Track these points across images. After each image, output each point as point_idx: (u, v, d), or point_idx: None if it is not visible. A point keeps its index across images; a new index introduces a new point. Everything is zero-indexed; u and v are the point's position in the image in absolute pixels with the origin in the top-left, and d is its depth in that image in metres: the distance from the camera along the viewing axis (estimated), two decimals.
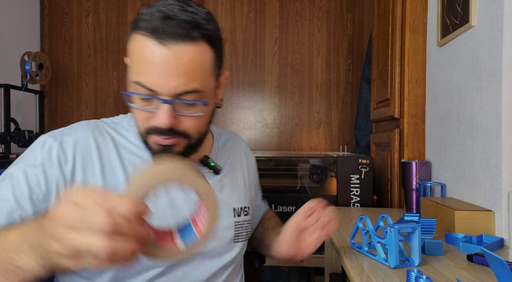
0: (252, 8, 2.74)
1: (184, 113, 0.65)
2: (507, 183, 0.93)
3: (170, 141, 0.66)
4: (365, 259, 0.81)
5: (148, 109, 0.65)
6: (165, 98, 0.62)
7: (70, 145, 0.68)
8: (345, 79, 2.72)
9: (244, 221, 0.83)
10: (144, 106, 0.65)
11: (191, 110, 0.65)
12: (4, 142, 2.27)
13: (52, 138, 0.68)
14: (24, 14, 2.66)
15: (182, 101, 0.63)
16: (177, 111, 0.64)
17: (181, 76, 0.61)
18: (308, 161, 1.83)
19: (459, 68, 1.16)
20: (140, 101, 0.65)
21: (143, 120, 0.66)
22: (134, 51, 0.63)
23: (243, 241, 0.83)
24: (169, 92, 0.62)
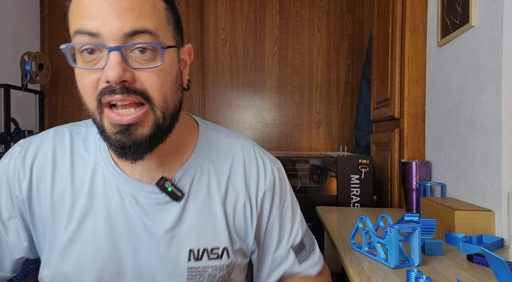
0: (252, 8, 2.74)
1: (139, 66, 0.53)
2: (507, 183, 0.93)
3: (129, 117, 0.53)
4: (365, 259, 0.81)
5: (95, 68, 0.52)
6: (111, 45, 0.51)
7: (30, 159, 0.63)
8: (345, 79, 2.72)
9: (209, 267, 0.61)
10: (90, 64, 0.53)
11: (146, 62, 0.53)
12: (4, 142, 2.27)
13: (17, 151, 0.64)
14: (24, 14, 2.66)
15: (131, 44, 0.52)
16: (129, 64, 0.52)
17: (126, 13, 0.51)
18: (308, 161, 1.83)
19: (459, 68, 1.16)
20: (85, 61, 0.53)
21: (92, 87, 0.53)
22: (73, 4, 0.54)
23: None
24: (115, 35, 0.51)
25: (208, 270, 0.61)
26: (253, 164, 0.68)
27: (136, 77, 0.53)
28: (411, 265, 0.76)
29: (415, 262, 0.76)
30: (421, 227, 0.82)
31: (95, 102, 0.54)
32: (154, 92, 0.54)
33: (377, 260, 0.79)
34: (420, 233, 0.75)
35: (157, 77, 0.54)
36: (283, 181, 0.71)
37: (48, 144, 0.64)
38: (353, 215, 1.32)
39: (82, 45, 0.52)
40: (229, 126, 2.75)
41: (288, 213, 0.71)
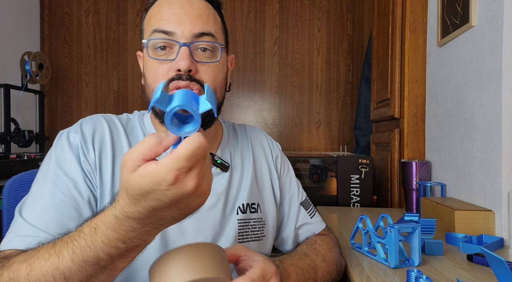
0: (252, 8, 2.74)
1: (202, 60, 0.67)
2: (507, 183, 0.93)
3: None
4: (365, 259, 0.81)
5: (167, 59, 0.67)
6: (183, 42, 0.65)
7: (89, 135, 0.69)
8: (345, 79, 2.72)
9: (251, 219, 0.76)
10: (163, 57, 0.67)
11: (207, 58, 0.68)
12: (4, 142, 2.27)
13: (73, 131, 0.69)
14: (24, 14, 2.66)
15: (199, 42, 0.67)
16: (194, 58, 0.66)
17: (196, 19, 0.67)
18: (308, 161, 1.83)
19: (459, 68, 1.16)
20: (158, 55, 0.67)
21: (163, 75, 0.66)
22: (152, 12, 0.69)
23: (253, 242, 0.75)
24: (185, 34, 0.66)
25: (251, 221, 0.76)
26: (264, 141, 0.88)
27: (198, 69, 0.67)
28: (411, 265, 0.76)
29: (415, 262, 0.76)
30: (421, 227, 0.82)
31: None
32: (209, 82, 0.68)
33: (377, 260, 0.79)
34: (420, 233, 0.75)
35: (212, 72, 0.68)
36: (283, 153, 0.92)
37: (102, 125, 0.71)
38: (353, 215, 1.32)
39: (159, 41, 0.66)
40: None
41: (293, 176, 0.90)
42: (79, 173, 0.65)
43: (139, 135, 0.74)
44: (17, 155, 2.10)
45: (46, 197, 0.62)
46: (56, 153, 0.67)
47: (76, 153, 0.66)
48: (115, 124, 0.73)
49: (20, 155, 2.07)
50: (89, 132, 0.69)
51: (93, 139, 0.69)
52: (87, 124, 0.71)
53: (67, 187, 0.64)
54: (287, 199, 0.86)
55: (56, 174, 0.65)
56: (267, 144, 0.88)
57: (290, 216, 0.85)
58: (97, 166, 0.67)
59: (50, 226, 0.60)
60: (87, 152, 0.67)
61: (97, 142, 0.69)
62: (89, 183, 0.66)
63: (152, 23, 0.68)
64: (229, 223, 0.73)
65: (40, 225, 0.60)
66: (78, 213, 0.63)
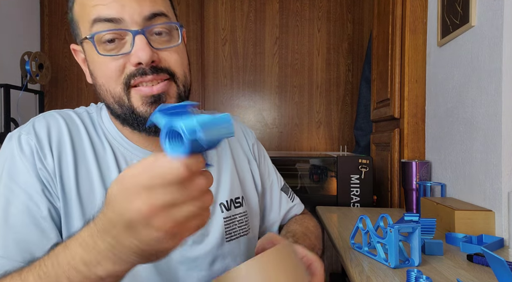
0: (252, 8, 2.74)
1: (162, 46, 0.58)
2: (507, 183, 0.93)
3: (158, 86, 0.57)
4: (365, 259, 0.81)
5: (120, 53, 0.56)
6: (135, 29, 0.55)
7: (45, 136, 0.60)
8: (345, 79, 2.72)
9: (236, 215, 0.71)
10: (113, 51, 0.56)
11: (166, 42, 0.59)
12: None
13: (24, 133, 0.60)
14: (24, 14, 2.66)
15: (153, 26, 0.57)
16: (153, 45, 0.57)
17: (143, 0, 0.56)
18: (308, 161, 1.83)
19: (459, 68, 1.16)
20: (106, 50, 0.56)
21: (118, 72, 0.57)
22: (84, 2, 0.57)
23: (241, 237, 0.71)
24: (135, 18, 0.55)
25: (237, 217, 0.71)
26: (238, 130, 0.82)
27: (159, 57, 0.57)
28: (411, 265, 0.76)
29: (415, 262, 0.76)
30: (421, 227, 0.82)
31: (121, 86, 0.57)
32: (177, 68, 0.60)
33: (377, 260, 0.79)
34: (420, 233, 0.75)
35: (177, 55, 0.60)
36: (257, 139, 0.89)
37: (58, 123, 0.62)
38: (353, 215, 1.32)
39: (105, 33, 0.55)
40: None
41: (270, 162, 0.88)
42: (35, 184, 0.56)
43: (101, 135, 0.65)
44: None
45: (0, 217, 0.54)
46: (7, 162, 0.57)
47: (31, 160, 0.57)
48: (73, 121, 0.64)
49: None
50: (44, 133, 0.60)
51: (49, 141, 0.59)
52: (40, 124, 0.61)
53: (23, 203, 0.55)
54: (268, 186, 0.84)
55: (8, 188, 0.55)
56: (242, 133, 0.82)
57: (273, 203, 0.84)
58: (57, 173, 0.58)
59: (9, 250, 0.52)
60: (44, 158, 0.58)
61: (54, 144, 0.59)
62: (48, 194, 0.57)
63: (89, 11, 0.56)
64: (213, 223, 0.68)
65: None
66: (40, 230, 0.55)
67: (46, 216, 0.56)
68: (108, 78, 0.58)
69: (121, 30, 0.55)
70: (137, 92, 0.58)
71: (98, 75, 0.59)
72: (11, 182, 0.56)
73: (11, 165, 0.57)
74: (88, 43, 0.58)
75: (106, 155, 0.63)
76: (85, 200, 0.59)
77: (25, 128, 0.60)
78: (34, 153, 0.58)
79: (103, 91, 0.60)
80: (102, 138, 0.65)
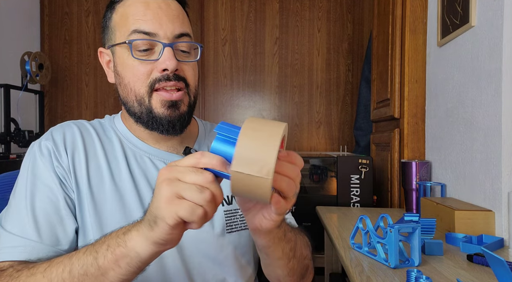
0: (252, 8, 2.74)
1: (182, 60, 0.70)
2: (507, 183, 0.93)
3: (177, 94, 0.69)
4: (365, 259, 0.81)
5: (150, 59, 0.68)
6: (165, 42, 0.67)
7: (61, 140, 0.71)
8: (345, 79, 2.72)
9: (238, 209, 0.77)
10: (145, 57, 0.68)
11: (186, 57, 0.71)
12: (4, 142, 2.27)
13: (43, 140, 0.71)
14: (24, 14, 2.66)
15: (180, 42, 0.69)
16: (177, 58, 0.68)
17: (175, 20, 0.69)
18: (308, 161, 1.83)
19: (459, 68, 1.16)
20: (139, 54, 0.68)
21: (145, 75, 0.68)
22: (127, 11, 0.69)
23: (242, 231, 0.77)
24: (167, 35, 0.68)
25: (238, 211, 0.76)
26: None
27: (180, 68, 0.69)
28: (411, 265, 0.76)
29: (415, 262, 0.76)
30: (421, 227, 0.82)
31: (146, 88, 0.68)
32: (191, 80, 0.71)
33: (377, 260, 0.79)
34: (420, 233, 0.75)
35: (192, 70, 0.72)
36: None
37: (72, 129, 0.73)
38: (353, 215, 1.32)
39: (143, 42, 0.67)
40: None
41: None
42: (54, 179, 0.67)
43: (112, 137, 0.75)
44: (17, 155, 2.10)
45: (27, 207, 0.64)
46: (30, 163, 0.69)
47: (49, 160, 0.68)
48: (86, 128, 0.75)
49: (20, 155, 2.07)
50: (60, 138, 0.71)
51: (64, 143, 0.70)
52: (57, 131, 0.73)
53: (45, 195, 0.66)
54: None
55: (32, 183, 0.67)
56: None
57: None
58: (71, 169, 0.69)
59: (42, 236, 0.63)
60: (60, 157, 0.69)
61: (68, 145, 0.71)
62: (64, 187, 0.68)
63: (131, 22, 0.68)
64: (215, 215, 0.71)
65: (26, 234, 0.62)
66: (60, 218, 0.66)
67: (63, 205, 0.66)
68: (135, 79, 0.68)
69: (154, 41, 0.67)
70: (158, 96, 0.68)
71: (126, 76, 0.69)
72: (34, 178, 0.67)
73: (33, 165, 0.68)
74: (123, 47, 0.69)
75: (115, 151, 0.73)
76: (95, 191, 0.69)
77: (45, 136, 0.72)
78: (51, 153, 0.69)
79: (126, 90, 0.70)
80: (113, 138, 0.75)
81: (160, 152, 0.75)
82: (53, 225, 0.65)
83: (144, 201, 0.70)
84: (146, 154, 0.74)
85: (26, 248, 0.61)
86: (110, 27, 0.73)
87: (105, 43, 0.75)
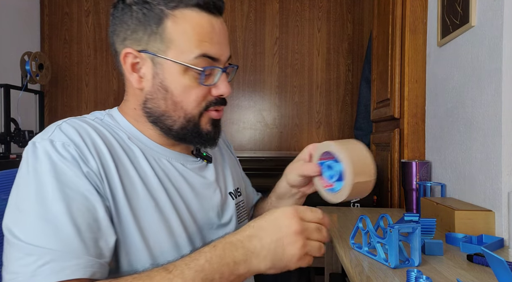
0: (252, 8, 2.74)
1: None
2: (507, 183, 0.93)
3: (221, 113, 0.73)
4: (365, 259, 0.81)
5: (208, 84, 0.68)
6: (222, 67, 0.68)
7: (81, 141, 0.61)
8: (345, 79, 2.72)
9: (240, 201, 0.83)
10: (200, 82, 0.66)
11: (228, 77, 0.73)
12: (4, 142, 2.27)
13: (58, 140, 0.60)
14: (24, 14, 2.66)
15: (229, 67, 0.71)
16: None
17: (228, 43, 0.70)
18: None
19: (459, 68, 1.16)
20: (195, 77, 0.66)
21: (202, 98, 0.68)
22: (191, 26, 0.64)
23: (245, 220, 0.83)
24: (224, 59, 0.68)
25: (242, 204, 0.83)
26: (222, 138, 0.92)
27: None
28: (411, 265, 0.76)
29: (415, 262, 0.76)
30: (421, 227, 0.82)
31: (200, 109, 0.68)
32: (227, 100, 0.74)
33: (377, 260, 0.79)
34: (420, 233, 0.75)
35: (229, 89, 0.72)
36: None
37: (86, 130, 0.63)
38: (353, 215, 1.32)
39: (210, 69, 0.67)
40: (229, 126, 2.75)
41: None
42: (87, 186, 0.57)
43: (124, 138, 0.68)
44: (17, 155, 2.10)
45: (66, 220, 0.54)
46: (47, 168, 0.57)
47: (76, 165, 0.58)
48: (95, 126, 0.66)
49: (20, 155, 2.07)
50: (78, 138, 0.61)
51: (86, 145, 0.60)
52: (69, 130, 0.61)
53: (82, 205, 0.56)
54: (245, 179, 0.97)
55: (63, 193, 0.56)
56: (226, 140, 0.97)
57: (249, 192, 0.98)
58: (102, 174, 0.60)
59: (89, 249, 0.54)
60: (87, 161, 0.59)
61: (91, 147, 0.61)
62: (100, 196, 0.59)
63: (196, 43, 0.64)
64: (228, 209, 0.77)
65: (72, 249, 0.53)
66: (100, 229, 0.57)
67: (103, 215, 0.58)
68: (191, 100, 0.67)
69: (217, 67, 0.68)
70: (208, 115, 0.70)
71: (179, 95, 0.67)
72: (64, 187, 0.56)
73: (55, 171, 0.57)
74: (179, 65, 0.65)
75: (135, 153, 0.67)
76: (131, 198, 0.62)
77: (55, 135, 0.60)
78: (77, 157, 0.58)
79: (175, 106, 0.67)
80: (125, 138, 0.68)
81: (175, 153, 0.73)
82: (96, 237, 0.56)
83: (176, 205, 0.67)
84: (163, 156, 0.71)
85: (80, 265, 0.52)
86: (159, 34, 0.64)
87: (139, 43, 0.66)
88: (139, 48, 0.66)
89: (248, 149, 2.75)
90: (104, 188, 0.59)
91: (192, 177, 0.72)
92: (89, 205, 0.57)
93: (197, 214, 0.70)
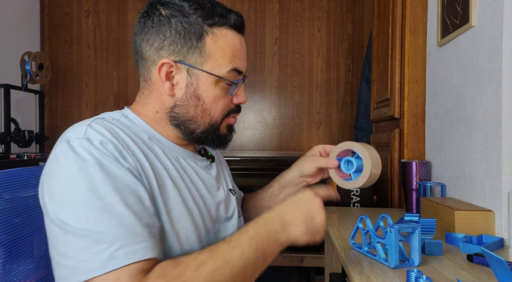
0: (252, 8, 2.74)
1: None
2: (507, 183, 0.93)
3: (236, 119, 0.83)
4: (365, 259, 0.81)
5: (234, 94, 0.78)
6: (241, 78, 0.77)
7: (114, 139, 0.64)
8: (345, 79, 2.72)
9: (237, 198, 0.91)
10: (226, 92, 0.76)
11: None
12: (4, 142, 2.27)
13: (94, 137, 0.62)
14: (24, 14, 2.66)
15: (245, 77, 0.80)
16: None
17: None
18: None
19: (459, 68, 1.16)
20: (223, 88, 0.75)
21: (225, 106, 0.77)
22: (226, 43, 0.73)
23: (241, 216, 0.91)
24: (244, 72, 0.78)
25: (237, 200, 0.90)
26: None
27: None
28: (411, 265, 0.76)
29: (415, 262, 0.76)
30: (421, 227, 0.82)
31: (222, 115, 0.78)
32: None
33: (377, 260, 0.79)
34: (420, 233, 0.75)
35: None
36: None
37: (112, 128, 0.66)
38: (353, 215, 1.32)
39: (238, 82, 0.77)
40: None
41: None
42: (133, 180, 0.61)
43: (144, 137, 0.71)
44: (17, 155, 2.10)
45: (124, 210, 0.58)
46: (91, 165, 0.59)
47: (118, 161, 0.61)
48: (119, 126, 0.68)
49: (20, 155, 2.07)
50: (111, 136, 0.64)
51: (121, 143, 0.64)
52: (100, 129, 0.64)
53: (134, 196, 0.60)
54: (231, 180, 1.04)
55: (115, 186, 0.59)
56: None
57: None
58: (140, 170, 0.64)
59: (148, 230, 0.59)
60: (125, 158, 0.62)
61: (125, 145, 0.64)
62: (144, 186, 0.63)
63: (230, 59, 0.74)
64: (231, 204, 0.85)
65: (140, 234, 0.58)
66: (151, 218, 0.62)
67: (149, 205, 0.63)
68: (218, 108, 0.76)
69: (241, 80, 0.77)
70: (227, 121, 0.80)
71: (209, 103, 0.75)
72: (113, 179, 0.59)
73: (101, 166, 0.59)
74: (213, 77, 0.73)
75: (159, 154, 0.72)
76: (163, 192, 0.67)
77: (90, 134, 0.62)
78: (116, 155, 0.61)
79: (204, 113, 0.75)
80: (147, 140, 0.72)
81: (188, 152, 0.79)
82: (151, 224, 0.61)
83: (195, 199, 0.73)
84: (180, 154, 0.77)
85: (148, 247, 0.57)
86: (199, 48, 0.70)
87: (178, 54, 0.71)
88: (177, 58, 0.71)
89: (248, 149, 2.75)
90: (143, 182, 0.63)
91: (203, 174, 0.79)
92: (138, 195, 0.61)
93: (211, 207, 0.77)
